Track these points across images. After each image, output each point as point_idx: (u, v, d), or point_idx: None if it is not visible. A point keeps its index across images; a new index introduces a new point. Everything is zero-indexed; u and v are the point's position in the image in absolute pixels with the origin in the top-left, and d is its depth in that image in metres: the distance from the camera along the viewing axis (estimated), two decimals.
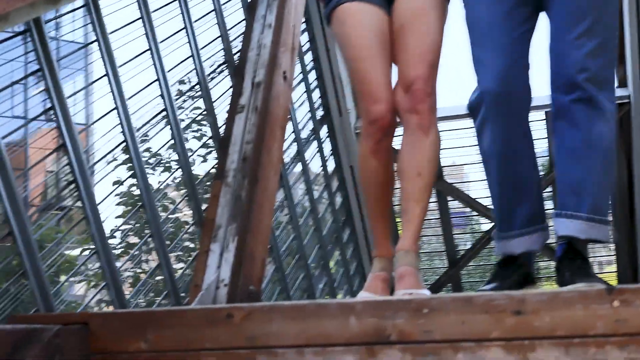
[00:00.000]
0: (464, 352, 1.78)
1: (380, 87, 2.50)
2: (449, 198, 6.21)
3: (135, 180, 3.03)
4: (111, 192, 3.10)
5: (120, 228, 3.41)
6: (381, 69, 2.52)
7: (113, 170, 2.93)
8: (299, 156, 5.25)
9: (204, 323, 1.98)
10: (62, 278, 2.93)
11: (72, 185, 2.59)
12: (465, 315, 1.80)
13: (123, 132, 2.93)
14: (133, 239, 3.48)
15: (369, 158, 2.57)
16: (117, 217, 3.50)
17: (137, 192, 3.31)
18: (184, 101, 3.60)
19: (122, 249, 3.49)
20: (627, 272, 5.97)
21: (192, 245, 3.86)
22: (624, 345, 1.69)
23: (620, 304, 1.70)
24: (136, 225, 3.51)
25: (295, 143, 5.18)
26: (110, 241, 2.90)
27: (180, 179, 3.57)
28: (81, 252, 2.96)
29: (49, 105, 2.49)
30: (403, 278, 2.44)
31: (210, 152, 3.81)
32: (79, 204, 2.60)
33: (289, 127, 4.84)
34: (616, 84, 5.37)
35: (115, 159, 2.96)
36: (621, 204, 5.74)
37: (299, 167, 5.27)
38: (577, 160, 2.35)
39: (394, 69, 2.61)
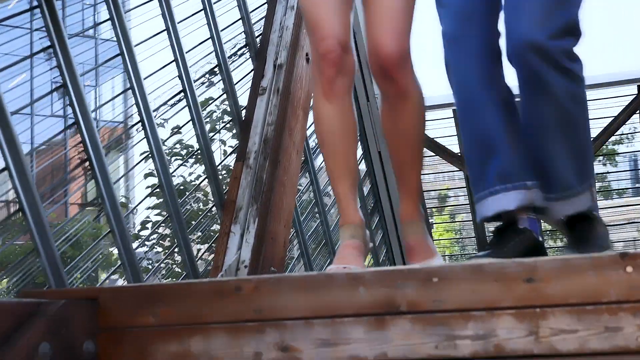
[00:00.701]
0: (475, 321, 1.74)
1: (330, 22, 2.28)
2: None
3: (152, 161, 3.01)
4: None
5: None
6: (334, 9, 2.29)
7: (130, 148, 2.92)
8: None
9: (212, 296, 1.95)
10: (102, 275, 2.94)
11: (87, 163, 2.58)
12: (475, 284, 1.75)
13: (139, 111, 2.92)
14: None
15: (322, 103, 2.33)
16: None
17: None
18: (203, 83, 3.58)
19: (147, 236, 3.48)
20: None
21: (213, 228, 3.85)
22: (638, 311, 1.63)
23: (634, 270, 1.64)
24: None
25: None
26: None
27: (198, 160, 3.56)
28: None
29: (60, 82, 2.48)
30: (413, 250, 2.37)
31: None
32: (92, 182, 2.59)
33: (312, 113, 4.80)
34: None
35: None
36: None
37: None
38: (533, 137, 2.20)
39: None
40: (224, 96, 3.63)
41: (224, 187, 3.65)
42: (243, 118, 3.72)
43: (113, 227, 2.62)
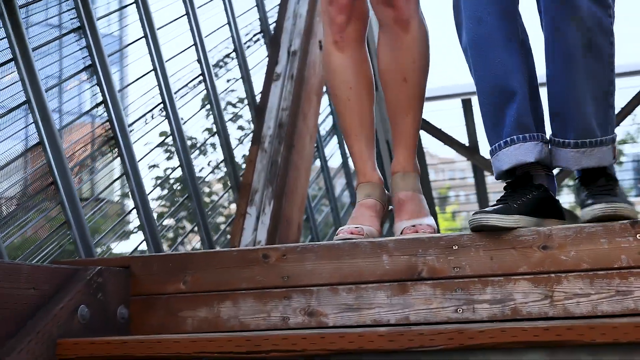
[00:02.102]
0: (493, 287, 1.83)
1: None
2: (486, 173, 6.23)
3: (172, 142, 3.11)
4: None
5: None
6: None
7: (151, 130, 3.01)
8: (335, 129, 5.30)
9: (240, 264, 2.05)
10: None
11: (112, 141, 2.68)
12: (493, 251, 1.85)
13: (161, 93, 3.01)
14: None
15: (333, 53, 2.17)
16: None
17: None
18: (220, 67, 3.67)
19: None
20: None
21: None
22: None
23: None
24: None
25: (331, 116, 5.23)
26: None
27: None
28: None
29: (89, 63, 2.58)
30: (403, 206, 2.15)
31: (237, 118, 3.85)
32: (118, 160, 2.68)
33: (325, 99, 4.89)
34: None
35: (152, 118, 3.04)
36: None
37: (334, 140, 5.32)
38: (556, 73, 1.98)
39: None
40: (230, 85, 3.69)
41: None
42: (257, 103, 3.81)
43: (137, 204, 2.72)
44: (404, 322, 1.88)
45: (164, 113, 3.02)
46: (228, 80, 3.75)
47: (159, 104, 3.01)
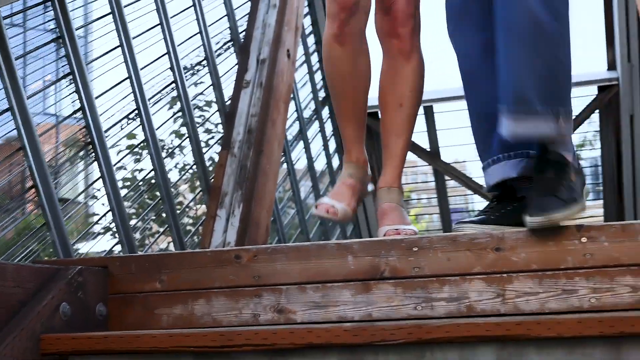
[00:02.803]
0: (449, 285, 1.98)
1: None
2: (446, 177, 6.39)
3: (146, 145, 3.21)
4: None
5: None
6: None
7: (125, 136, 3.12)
8: (302, 135, 5.43)
9: (214, 264, 2.17)
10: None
11: (89, 147, 2.78)
12: (450, 252, 1.99)
13: (135, 100, 3.12)
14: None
15: (332, 45, 2.29)
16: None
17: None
18: (193, 74, 3.78)
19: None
20: None
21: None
22: (590, 276, 1.88)
23: (588, 240, 1.89)
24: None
25: (298, 122, 5.36)
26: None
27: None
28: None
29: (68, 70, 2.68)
30: (387, 214, 2.34)
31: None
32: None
33: (292, 106, 5.02)
34: (605, 67, 5.57)
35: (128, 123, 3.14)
36: (610, 184, 5.93)
37: (301, 145, 5.46)
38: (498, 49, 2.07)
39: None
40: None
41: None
42: (227, 109, 3.93)
43: (113, 206, 2.83)
44: (368, 319, 2.01)
45: (139, 119, 3.13)
46: (196, 85, 3.85)
47: (133, 110, 3.12)
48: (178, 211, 3.48)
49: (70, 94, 2.75)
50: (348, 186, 2.32)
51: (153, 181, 3.42)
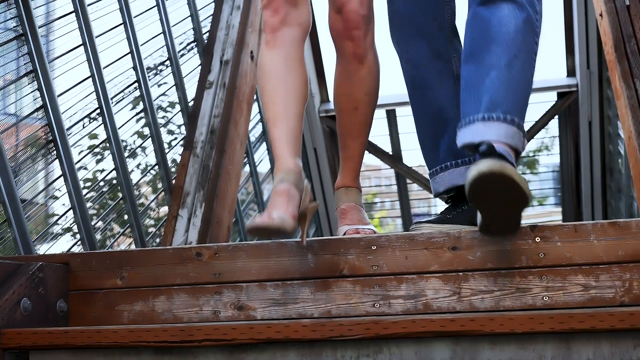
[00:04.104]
0: (407, 283, 2.02)
1: None
2: (408, 181, 6.46)
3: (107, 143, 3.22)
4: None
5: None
6: None
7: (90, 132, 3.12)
8: (265, 136, 5.46)
9: (175, 261, 2.19)
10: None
11: (51, 145, 2.79)
12: (408, 251, 2.03)
13: (98, 99, 3.12)
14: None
15: (264, 51, 2.20)
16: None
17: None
18: (156, 74, 3.79)
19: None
20: None
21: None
22: (543, 275, 1.93)
23: (541, 240, 1.94)
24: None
25: (261, 123, 5.39)
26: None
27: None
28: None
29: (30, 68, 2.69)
30: (346, 214, 2.35)
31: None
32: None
33: (255, 107, 5.05)
34: (565, 74, 5.67)
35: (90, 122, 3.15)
36: (569, 190, 6.03)
37: (264, 146, 5.48)
38: (472, 57, 2.03)
39: None
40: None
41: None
42: (190, 110, 3.94)
43: (74, 205, 2.83)
44: (327, 316, 2.05)
45: (100, 118, 3.14)
46: (159, 85, 3.86)
47: (95, 109, 3.13)
48: (140, 211, 3.49)
49: (32, 91, 2.75)
50: (280, 194, 2.04)
51: (115, 182, 3.43)
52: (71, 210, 2.88)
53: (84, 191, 3.02)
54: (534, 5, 2.06)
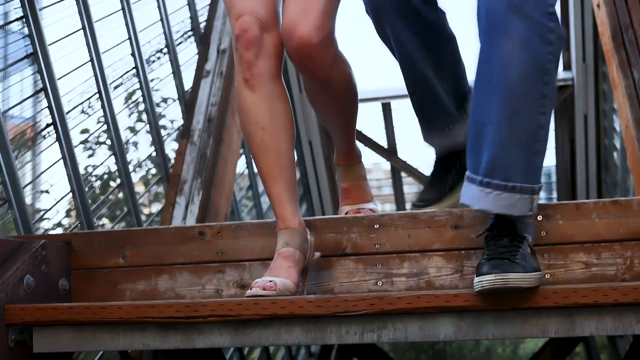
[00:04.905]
0: (409, 261, 2.03)
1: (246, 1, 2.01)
2: (403, 174, 6.46)
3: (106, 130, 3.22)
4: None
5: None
6: None
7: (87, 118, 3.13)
8: None
9: (177, 240, 2.20)
10: None
11: (51, 127, 2.79)
12: (411, 229, 2.04)
13: (97, 84, 3.12)
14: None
15: (244, 92, 2.03)
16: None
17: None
18: (153, 62, 3.79)
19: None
20: None
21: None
22: (545, 253, 1.95)
23: (543, 218, 1.96)
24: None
25: None
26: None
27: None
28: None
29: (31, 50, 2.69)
30: (347, 193, 2.29)
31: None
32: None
33: None
34: (561, 67, 5.69)
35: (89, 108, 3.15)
36: (564, 183, 6.05)
37: None
38: (476, 103, 1.86)
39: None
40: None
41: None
42: (188, 98, 3.94)
43: (74, 188, 2.83)
44: (329, 293, 2.06)
45: (99, 103, 3.14)
46: (157, 80, 3.86)
47: (94, 94, 3.13)
48: (138, 198, 3.49)
49: (32, 73, 2.75)
50: (285, 257, 1.94)
51: (105, 176, 3.45)
52: (70, 194, 2.88)
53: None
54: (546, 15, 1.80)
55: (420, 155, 7.22)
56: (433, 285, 2.00)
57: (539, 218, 1.96)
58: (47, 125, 2.81)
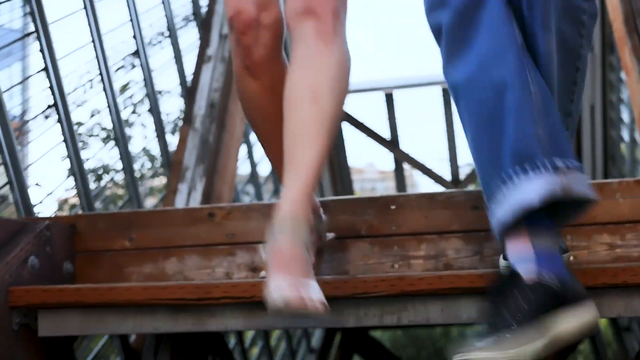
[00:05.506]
0: (427, 243, 1.97)
1: None
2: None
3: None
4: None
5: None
6: None
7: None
8: None
9: (186, 222, 2.13)
10: None
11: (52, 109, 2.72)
12: (428, 210, 1.98)
13: (99, 66, 3.06)
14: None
15: (245, 79, 1.80)
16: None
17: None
18: (154, 45, 3.72)
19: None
20: None
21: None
22: (567, 234, 1.89)
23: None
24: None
25: None
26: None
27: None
28: None
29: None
30: (282, 260, 1.53)
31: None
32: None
33: None
34: None
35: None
36: None
37: None
38: None
39: None
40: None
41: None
42: (189, 84, 3.87)
43: (75, 172, 2.76)
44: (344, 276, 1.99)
45: (101, 86, 3.07)
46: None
47: (96, 76, 3.06)
48: (139, 183, 3.42)
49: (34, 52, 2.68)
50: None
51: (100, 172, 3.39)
52: (72, 177, 2.81)
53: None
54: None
55: (422, 146, 7.15)
56: (452, 268, 1.94)
57: None
58: (49, 107, 2.74)
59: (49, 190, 2.92)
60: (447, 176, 6.32)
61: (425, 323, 1.72)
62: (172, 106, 3.98)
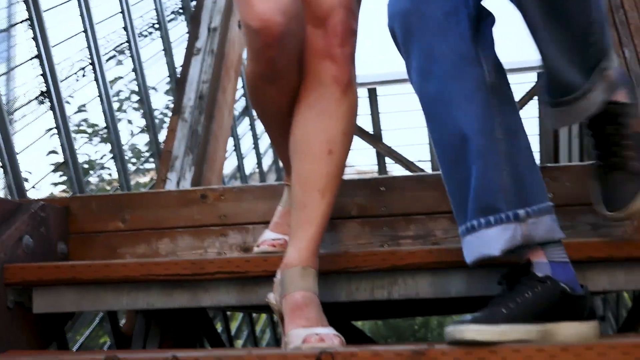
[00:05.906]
0: (416, 224, 2.01)
1: None
2: (388, 160, 6.47)
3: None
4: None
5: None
6: None
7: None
8: (247, 110, 5.43)
9: (179, 203, 2.17)
10: None
11: (45, 95, 2.75)
12: (417, 192, 2.03)
13: (90, 55, 3.09)
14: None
15: (261, 86, 1.75)
16: None
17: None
18: (145, 37, 3.76)
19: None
20: None
21: None
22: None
23: (550, 180, 1.95)
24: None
25: (244, 97, 5.36)
26: None
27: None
28: None
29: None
30: (302, 310, 1.58)
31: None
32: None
33: (240, 81, 5.02)
34: None
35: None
36: (546, 157, 6.07)
37: (246, 121, 5.46)
38: None
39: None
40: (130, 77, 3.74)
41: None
42: (178, 76, 3.91)
43: (67, 158, 2.79)
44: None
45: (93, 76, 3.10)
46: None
47: (88, 65, 3.09)
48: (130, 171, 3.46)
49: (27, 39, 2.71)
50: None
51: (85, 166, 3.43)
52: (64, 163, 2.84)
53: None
54: None
55: (405, 141, 7.22)
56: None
57: (546, 180, 1.94)
58: (42, 93, 2.77)
59: (39, 177, 2.95)
60: (429, 171, 6.38)
61: (414, 297, 1.77)
62: (158, 103, 4.02)
